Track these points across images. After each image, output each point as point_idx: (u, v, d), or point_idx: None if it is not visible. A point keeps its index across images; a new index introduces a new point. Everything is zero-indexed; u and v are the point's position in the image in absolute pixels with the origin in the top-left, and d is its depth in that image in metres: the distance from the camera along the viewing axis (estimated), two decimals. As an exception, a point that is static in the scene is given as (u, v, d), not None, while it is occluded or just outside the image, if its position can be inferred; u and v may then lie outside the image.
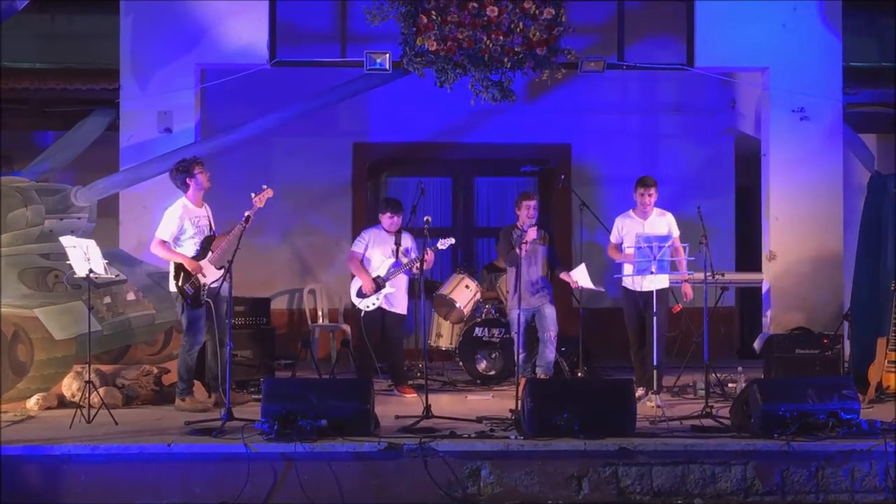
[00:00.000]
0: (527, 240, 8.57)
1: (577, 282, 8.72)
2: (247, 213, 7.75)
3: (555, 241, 9.19)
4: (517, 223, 8.87)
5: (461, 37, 9.25)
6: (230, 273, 7.49)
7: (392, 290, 8.90)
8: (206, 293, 7.88)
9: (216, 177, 8.36)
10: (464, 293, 9.55)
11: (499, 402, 8.40)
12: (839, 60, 9.93)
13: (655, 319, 8.23)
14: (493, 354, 9.61)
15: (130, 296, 8.70)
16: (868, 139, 11.05)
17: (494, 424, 7.21)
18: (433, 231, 8.47)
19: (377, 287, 8.87)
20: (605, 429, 6.80)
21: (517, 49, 9.30)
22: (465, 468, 6.65)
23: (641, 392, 8.33)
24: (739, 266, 11.72)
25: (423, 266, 8.76)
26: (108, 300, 8.46)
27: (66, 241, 7.83)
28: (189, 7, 9.63)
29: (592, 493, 6.65)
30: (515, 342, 8.69)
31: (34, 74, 10.39)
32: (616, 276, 8.41)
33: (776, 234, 9.92)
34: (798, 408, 6.81)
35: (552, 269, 8.99)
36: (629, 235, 8.48)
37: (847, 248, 9.87)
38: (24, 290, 8.14)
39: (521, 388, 7.35)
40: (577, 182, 11.29)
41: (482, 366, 9.63)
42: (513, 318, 8.77)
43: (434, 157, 12.07)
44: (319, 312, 11.41)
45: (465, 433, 6.90)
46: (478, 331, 9.65)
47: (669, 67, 10.10)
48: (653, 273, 8.03)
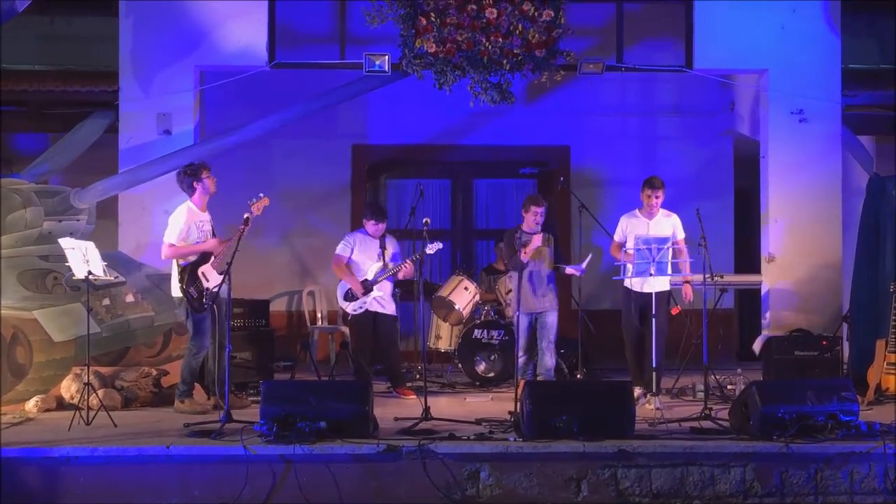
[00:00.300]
0: (531, 247, 8.53)
1: (582, 267, 8.66)
2: (246, 216, 7.75)
3: (559, 242, 9.04)
4: (522, 225, 8.80)
5: (460, 39, 9.25)
6: (229, 275, 7.51)
7: (381, 294, 8.92)
8: (208, 297, 7.87)
9: (215, 179, 8.35)
10: (463, 295, 9.55)
11: (498, 404, 8.39)
12: (838, 62, 9.94)
13: (655, 321, 8.22)
14: (492, 356, 9.60)
15: (129, 298, 8.69)
16: (867, 141, 11.08)
17: (493, 426, 7.20)
18: (432, 233, 8.47)
19: (365, 290, 8.89)
20: (605, 431, 6.79)
21: (516, 51, 9.30)
22: (465, 470, 6.64)
23: (639, 392, 8.32)
24: (738, 268, 11.72)
25: (404, 275, 8.80)
26: (107, 302, 8.46)
27: (65, 243, 7.82)
28: (188, 9, 9.64)
29: (591, 495, 6.64)
30: (516, 344, 8.67)
31: (33, 76, 10.42)
32: (615, 279, 8.39)
33: (775, 236, 9.92)
34: (797, 410, 6.81)
35: (556, 267, 8.91)
36: (633, 235, 8.39)
37: (846, 250, 9.87)
38: (23, 292, 8.14)
39: (520, 390, 7.35)
40: (576, 184, 11.30)
41: (481, 368, 9.62)
42: (514, 320, 8.74)
43: (433, 159, 12.07)
44: (318, 314, 11.42)
45: (464, 435, 6.90)
46: (477, 333, 9.64)
47: (668, 69, 10.10)
48: (651, 275, 8.02)
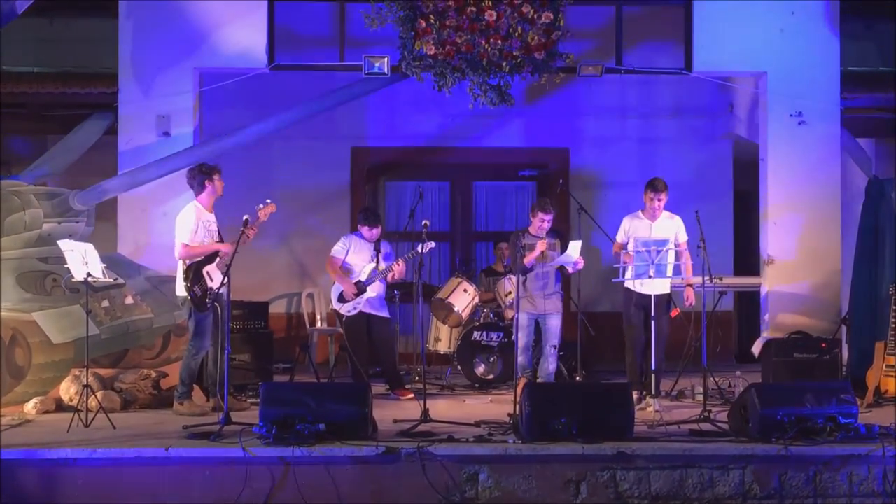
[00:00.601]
0: (534, 253, 8.53)
1: (573, 258, 8.54)
2: (245, 217, 7.75)
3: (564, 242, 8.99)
4: (528, 228, 8.80)
5: (459, 41, 9.25)
6: (228, 276, 7.51)
7: (373, 295, 8.93)
8: (212, 297, 7.87)
9: (223, 183, 8.33)
10: (462, 297, 9.55)
11: (497, 406, 8.40)
12: (837, 65, 9.93)
13: (654, 324, 8.22)
14: (492, 358, 9.60)
15: (129, 300, 8.69)
16: (866, 143, 11.07)
17: (493, 428, 7.21)
18: (431, 235, 8.47)
19: (357, 292, 8.89)
20: (604, 433, 6.79)
21: (515, 53, 9.30)
22: (464, 472, 6.64)
23: (636, 395, 8.26)
24: (738, 270, 11.73)
25: (398, 275, 8.82)
26: (107, 304, 8.46)
27: (65, 245, 7.82)
28: (188, 11, 9.63)
29: (590, 498, 6.64)
30: (515, 345, 8.66)
31: (33, 78, 10.42)
32: (615, 280, 8.39)
33: (774, 239, 9.91)
34: (796, 412, 6.80)
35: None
36: (634, 237, 8.37)
37: (845, 253, 9.87)
38: (23, 294, 8.13)
39: (520, 388, 7.34)
40: (576, 186, 11.31)
41: (480, 370, 9.62)
42: (515, 321, 8.72)
43: (432, 162, 12.07)
44: (318, 316, 11.42)
45: (464, 437, 6.89)
46: (476, 335, 9.64)
47: (668, 72, 10.11)
48: (651, 277, 8.02)
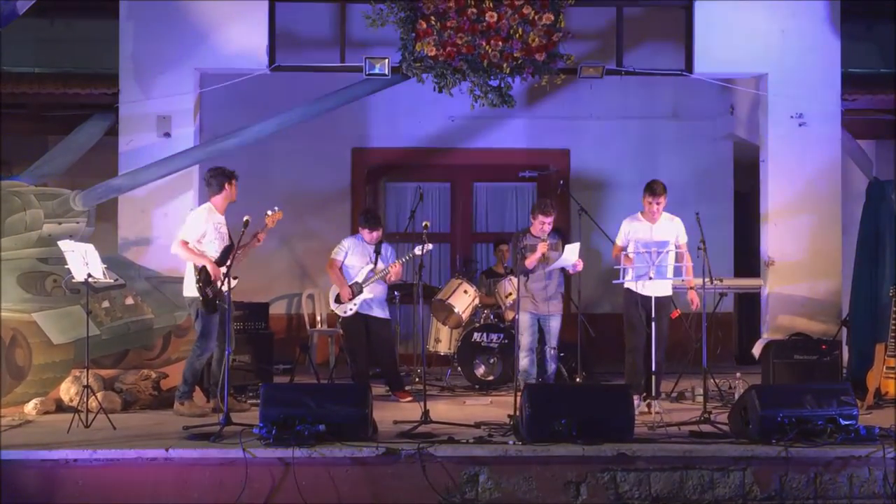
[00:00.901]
0: (535, 255, 8.54)
1: (574, 263, 8.61)
2: (246, 218, 7.74)
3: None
4: (529, 229, 8.82)
5: (460, 42, 9.25)
6: (229, 277, 7.51)
7: (371, 296, 8.93)
8: (221, 299, 7.85)
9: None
10: (462, 298, 9.55)
11: (497, 408, 8.40)
12: (838, 66, 9.93)
13: (655, 326, 8.21)
14: (492, 360, 9.60)
15: (129, 300, 8.69)
16: (867, 145, 11.06)
17: (493, 430, 7.20)
18: (431, 236, 8.48)
19: (353, 294, 8.90)
20: (604, 434, 6.78)
21: (516, 55, 9.30)
22: (464, 473, 6.64)
23: (637, 400, 8.08)
24: (738, 272, 11.73)
25: (395, 277, 8.82)
26: (107, 305, 8.46)
27: (65, 246, 7.82)
28: (189, 12, 9.64)
29: (591, 499, 6.64)
30: (515, 345, 8.66)
31: (33, 79, 10.43)
32: (615, 282, 8.38)
33: (775, 240, 9.91)
34: (796, 414, 6.80)
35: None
36: (635, 239, 8.34)
37: (846, 254, 9.87)
38: (23, 295, 8.13)
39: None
40: (576, 187, 11.32)
41: (480, 371, 9.62)
42: (515, 322, 8.73)
43: (433, 163, 12.07)
44: (318, 317, 11.42)
45: (464, 438, 6.89)
46: (476, 336, 9.64)
47: (668, 73, 10.10)
48: (651, 279, 8.01)
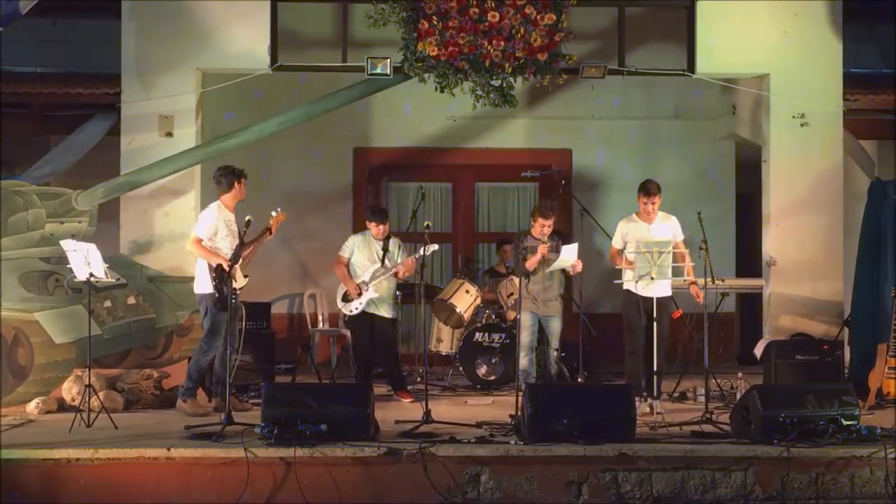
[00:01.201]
0: (535, 258, 8.55)
1: (572, 263, 8.62)
2: (248, 218, 7.75)
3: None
4: (531, 231, 8.83)
5: (462, 42, 9.25)
6: (230, 277, 7.52)
7: (376, 295, 8.92)
8: (234, 296, 7.85)
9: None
10: (464, 298, 9.55)
11: (499, 408, 8.40)
12: (839, 66, 9.94)
13: (656, 326, 8.20)
14: (493, 359, 9.59)
15: (131, 300, 8.70)
16: (868, 145, 11.07)
17: (494, 429, 7.21)
18: (433, 236, 8.48)
19: (360, 292, 8.90)
20: (605, 434, 6.79)
21: (518, 54, 9.30)
22: (465, 473, 6.64)
23: (638, 401, 8.04)
24: (740, 272, 11.72)
25: (405, 272, 8.81)
26: (109, 304, 8.47)
27: (67, 245, 7.82)
28: (191, 12, 9.64)
29: (592, 499, 6.64)
30: (517, 345, 8.65)
31: (36, 78, 10.45)
32: (616, 282, 8.38)
33: (776, 240, 9.92)
34: (798, 414, 6.81)
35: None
36: (633, 240, 8.32)
37: (847, 254, 9.86)
38: (25, 294, 8.14)
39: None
40: (578, 187, 11.32)
41: (482, 371, 9.62)
42: (517, 321, 8.72)
43: (435, 162, 12.06)
44: (320, 317, 11.41)
45: (465, 438, 6.90)
46: (478, 336, 9.64)
47: (670, 73, 10.09)
48: (653, 279, 8.00)
